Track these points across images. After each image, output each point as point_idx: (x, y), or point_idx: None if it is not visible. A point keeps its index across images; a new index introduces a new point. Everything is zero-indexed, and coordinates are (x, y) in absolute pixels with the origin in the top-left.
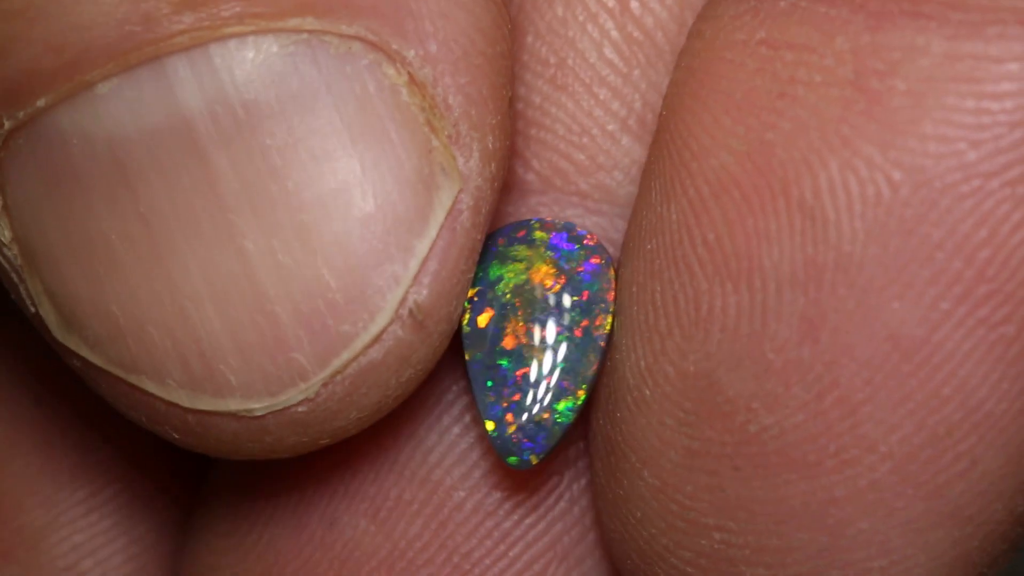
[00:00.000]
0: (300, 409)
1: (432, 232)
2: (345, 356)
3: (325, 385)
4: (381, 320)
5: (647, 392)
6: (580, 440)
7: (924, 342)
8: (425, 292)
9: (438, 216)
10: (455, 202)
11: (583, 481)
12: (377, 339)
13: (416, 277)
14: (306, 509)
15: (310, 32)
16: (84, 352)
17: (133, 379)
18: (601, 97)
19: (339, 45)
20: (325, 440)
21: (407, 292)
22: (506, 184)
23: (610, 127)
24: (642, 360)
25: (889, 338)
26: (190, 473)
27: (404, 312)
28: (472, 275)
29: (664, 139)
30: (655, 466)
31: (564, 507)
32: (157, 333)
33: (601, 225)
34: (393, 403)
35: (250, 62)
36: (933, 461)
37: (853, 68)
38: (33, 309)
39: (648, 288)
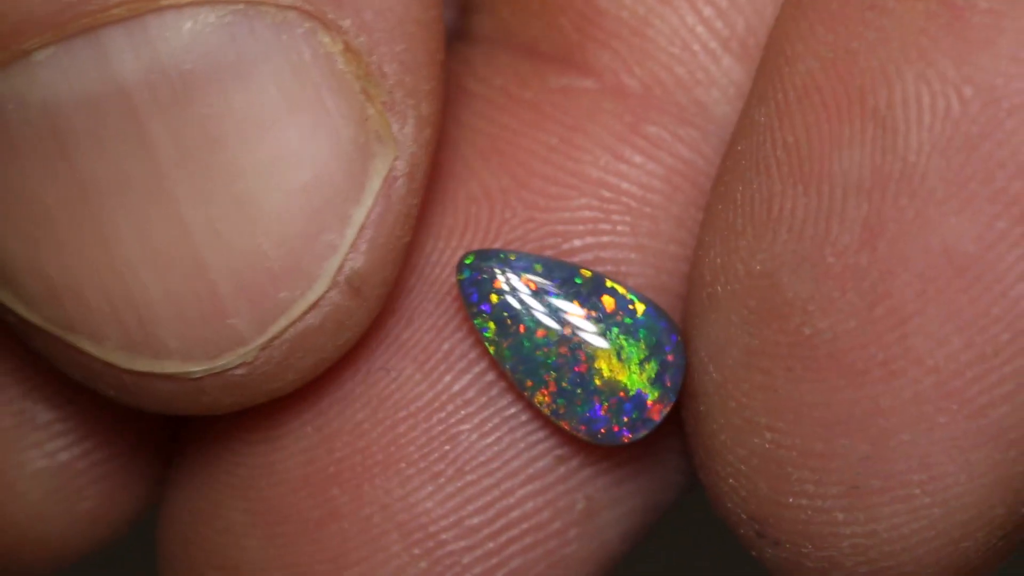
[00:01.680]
0: (238, 372)
1: (368, 200)
2: (283, 322)
3: (263, 349)
4: (319, 287)
5: (719, 288)
6: None
7: (977, 259)
8: (362, 259)
9: (374, 184)
10: (391, 169)
11: None
12: (315, 305)
13: (353, 244)
14: (281, 455)
15: (246, 2)
16: (19, 309)
17: (70, 338)
18: (705, 15)
19: (275, 14)
20: (261, 399)
21: (344, 259)
22: (606, 86)
23: (712, 45)
24: (718, 257)
25: (944, 252)
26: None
27: (341, 279)
28: (408, 240)
29: (766, 49)
30: (719, 362)
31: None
32: (94, 296)
33: (693, 138)
34: (328, 364)
35: (187, 32)
36: (978, 380)
37: None
38: None
39: (731, 187)
